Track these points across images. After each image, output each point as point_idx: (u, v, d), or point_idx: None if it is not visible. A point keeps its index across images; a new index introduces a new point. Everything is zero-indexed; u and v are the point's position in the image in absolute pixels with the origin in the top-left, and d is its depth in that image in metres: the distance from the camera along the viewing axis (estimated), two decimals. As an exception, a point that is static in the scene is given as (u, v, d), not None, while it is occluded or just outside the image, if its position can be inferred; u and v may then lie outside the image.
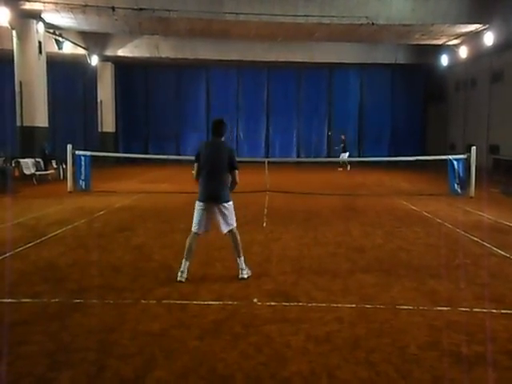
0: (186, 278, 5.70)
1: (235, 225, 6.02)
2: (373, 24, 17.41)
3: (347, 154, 22.83)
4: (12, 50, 17.64)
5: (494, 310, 4.90)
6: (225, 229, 5.93)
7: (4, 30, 18.15)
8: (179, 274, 5.71)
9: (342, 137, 23.26)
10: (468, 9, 17.68)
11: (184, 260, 5.77)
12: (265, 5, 17.06)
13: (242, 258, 5.92)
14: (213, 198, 5.88)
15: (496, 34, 17.97)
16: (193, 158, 6.12)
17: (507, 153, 20.51)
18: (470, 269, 6.44)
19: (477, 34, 19.02)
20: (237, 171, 6.01)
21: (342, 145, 23.03)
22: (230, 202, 6.01)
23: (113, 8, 16.42)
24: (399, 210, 11.44)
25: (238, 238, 5.99)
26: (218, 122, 6.08)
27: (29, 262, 6.47)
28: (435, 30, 18.80)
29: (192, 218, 5.98)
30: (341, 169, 22.72)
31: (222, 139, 6.08)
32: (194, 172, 6.04)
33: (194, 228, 5.91)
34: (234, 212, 6.05)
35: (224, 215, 5.91)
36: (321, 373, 3.58)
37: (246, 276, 5.85)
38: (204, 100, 29.00)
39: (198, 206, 5.90)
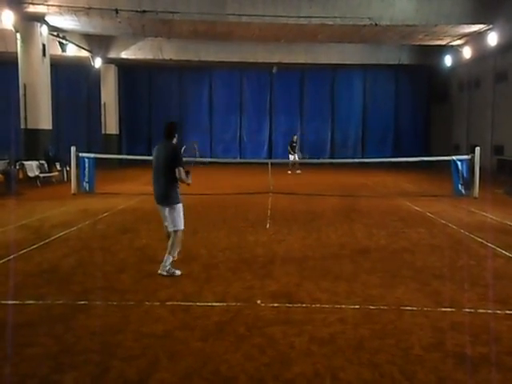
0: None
1: (181, 228, 6.11)
2: (376, 25, 17.37)
3: (296, 155, 22.30)
4: (16, 53, 17.70)
5: (499, 311, 4.88)
6: (171, 228, 6.13)
7: (8, 32, 18.21)
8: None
9: (294, 137, 22.87)
10: (472, 9, 17.62)
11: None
12: (268, 6, 17.06)
13: (171, 257, 6.03)
14: (158, 200, 6.12)
15: (500, 34, 17.90)
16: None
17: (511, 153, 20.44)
18: (474, 270, 6.42)
19: (480, 35, 18.95)
20: (180, 168, 5.90)
21: (295, 145, 22.34)
22: (177, 205, 6.05)
23: (116, 10, 16.44)
24: (403, 211, 11.42)
25: (178, 239, 6.09)
26: (167, 124, 6.18)
27: (33, 264, 6.50)
28: (439, 30, 18.74)
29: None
30: (297, 171, 22.12)
31: (173, 141, 6.10)
32: None
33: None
34: (179, 215, 6.09)
35: (169, 217, 6.06)
36: (324, 374, 3.58)
37: (164, 273, 5.96)
38: (207, 102, 29.04)
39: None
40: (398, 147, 27.94)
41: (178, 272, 6.04)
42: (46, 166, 16.96)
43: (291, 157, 22.24)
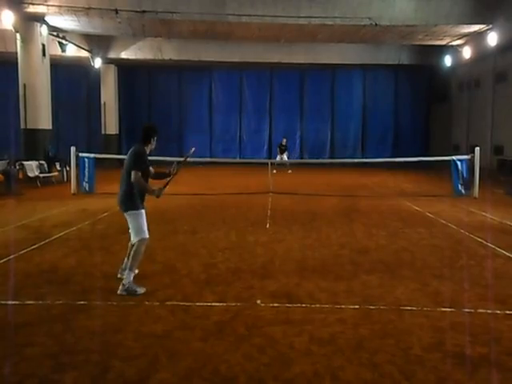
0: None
1: (142, 237, 5.43)
2: (376, 25, 17.38)
3: (284, 156, 22.66)
4: (16, 53, 17.71)
5: (498, 311, 4.88)
6: (132, 238, 5.54)
7: (8, 32, 18.22)
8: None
9: (284, 140, 23.16)
10: (471, 9, 17.62)
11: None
12: (267, 6, 17.06)
13: (132, 273, 5.36)
14: (118, 204, 5.56)
15: (500, 34, 17.90)
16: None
17: (511, 153, 20.44)
18: (473, 270, 6.42)
19: (480, 35, 18.96)
20: (136, 172, 5.34)
21: (284, 148, 22.90)
22: (135, 212, 5.43)
23: (116, 10, 16.45)
24: (403, 211, 11.42)
25: (139, 251, 5.41)
26: (143, 127, 5.82)
27: (33, 264, 6.49)
28: (438, 30, 18.76)
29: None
30: (290, 171, 21.95)
31: (147, 145, 5.67)
32: None
33: None
34: (137, 223, 5.44)
35: (129, 224, 5.51)
36: (324, 374, 3.58)
37: (124, 293, 5.24)
38: (207, 102, 29.02)
39: None
40: (398, 147, 27.92)
41: (140, 290, 5.32)
42: (45, 166, 16.95)
43: (278, 157, 22.71)
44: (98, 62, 24.16)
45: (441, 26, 18.17)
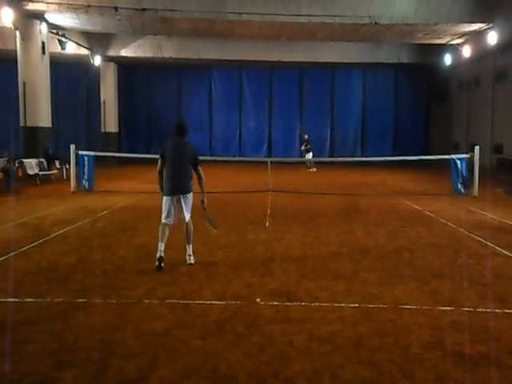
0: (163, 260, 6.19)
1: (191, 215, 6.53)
2: (376, 23, 17.37)
3: (311, 153, 22.55)
4: (15, 51, 17.68)
5: (498, 310, 4.89)
6: (187, 217, 6.52)
7: (7, 30, 18.19)
8: (158, 253, 6.22)
9: (305, 137, 23.08)
10: (471, 8, 17.62)
11: (160, 242, 6.32)
12: (268, 4, 17.05)
13: (191, 246, 6.57)
14: (180, 189, 6.42)
15: (500, 33, 17.90)
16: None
17: (511, 152, 20.44)
18: (473, 269, 6.42)
19: (480, 33, 18.95)
20: (200, 167, 6.57)
21: (306, 145, 22.80)
22: (192, 194, 6.55)
23: (116, 8, 16.43)
24: (402, 210, 11.42)
25: (192, 228, 6.59)
26: (179, 125, 6.79)
27: (32, 262, 6.49)
28: (438, 29, 18.75)
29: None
30: (312, 169, 22.17)
31: (185, 139, 6.69)
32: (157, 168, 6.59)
33: (164, 219, 6.47)
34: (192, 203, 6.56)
35: (188, 205, 6.47)
36: (324, 372, 3.58)
37: (193, 261, 6.45)
38: (206, 100, 29.02)
39: (166, 200, 6.44)
40: (398, 146, 27.96)
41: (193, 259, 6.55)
42: (45, 163, 16.95)
43: (306, 155, 22.49)
44: (97, 60, 24.12)
45: (441, 24, 18.17)
